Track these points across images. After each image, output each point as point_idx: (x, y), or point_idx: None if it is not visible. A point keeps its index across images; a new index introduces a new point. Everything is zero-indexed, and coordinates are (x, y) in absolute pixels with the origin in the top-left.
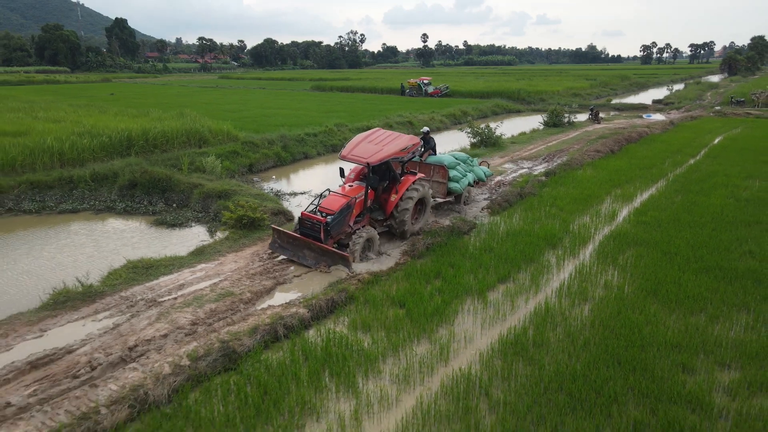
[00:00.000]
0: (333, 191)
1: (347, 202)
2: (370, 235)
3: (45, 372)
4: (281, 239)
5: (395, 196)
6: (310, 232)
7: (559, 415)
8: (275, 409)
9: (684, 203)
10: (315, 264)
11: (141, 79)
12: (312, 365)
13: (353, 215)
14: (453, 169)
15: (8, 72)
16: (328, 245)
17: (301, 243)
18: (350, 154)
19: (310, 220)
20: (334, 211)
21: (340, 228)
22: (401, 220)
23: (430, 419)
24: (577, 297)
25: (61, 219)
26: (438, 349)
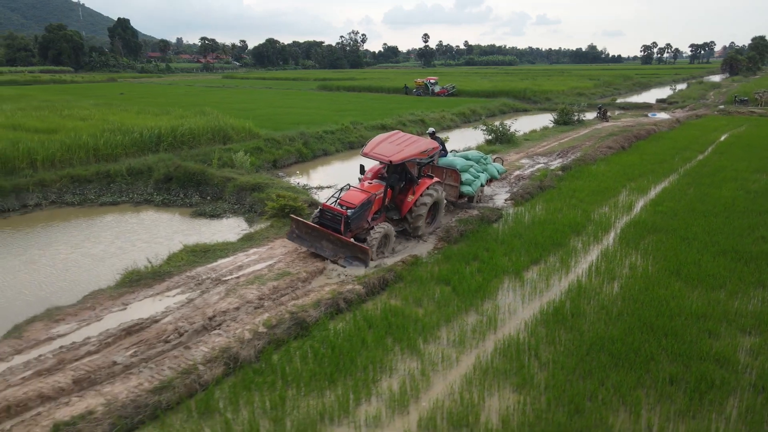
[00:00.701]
0: (353, 186)
1: (368, 198)
2: (387, 230)
3: (138, 338)
4: (299, 229)
5: (412, 197)
6: (330, 223)
7: (603, 370)
8: (352, 365)
9: (697, 195)
10: (332, 255)
11: (145, 78)
12: (376, 332)
13: (372, 211)
14: (465, 172)
15: (12, 72)
16: (347, 238)
17: (320, 234)
18: (372, 152)
19: (331, 211)
20: (355, 204)
21: (359, 222)
22: (416, 221)
23: (489, 375)
24: (605, 276)
25: (104, 210)
26: (486, 319)
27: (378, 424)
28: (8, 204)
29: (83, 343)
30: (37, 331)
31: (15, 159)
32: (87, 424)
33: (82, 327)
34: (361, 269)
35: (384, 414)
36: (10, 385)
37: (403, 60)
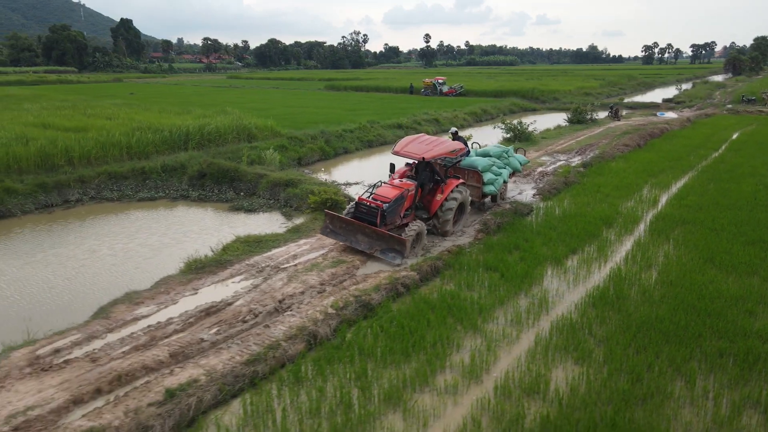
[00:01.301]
0: (385, 182)
1: (401, 193)
2: (421, 229)
3: (217, 318)
4: (333, 224)
5: (440, 196)
6: (365, 216)
7: (656, 345)
8: (422, 342)
9: (718, 190)
10: (368, 248)
11: (150, 78)
12: (438, 313)
13: (404, 207)
14: (487, 171)
15: (17, 72)
16: (384, 230)
17: (355, 228)
18: (403, 150)
19: (367, 205)
20: (390, 199)
21: (393, 217)
22: (445, 220)
23: (551, 349)
24: (642, 264)
25: (143, 205)
26: (537, 301)
27: (456, 392)
28: (51, 199)
29: (168, 323)
30: (122, 313)
31: (54, 156)
32: (196, 389)
33: (161, 309)
34: (397, 260)
35: (460, 383)
36: (113, 359)
37: (404, 60)
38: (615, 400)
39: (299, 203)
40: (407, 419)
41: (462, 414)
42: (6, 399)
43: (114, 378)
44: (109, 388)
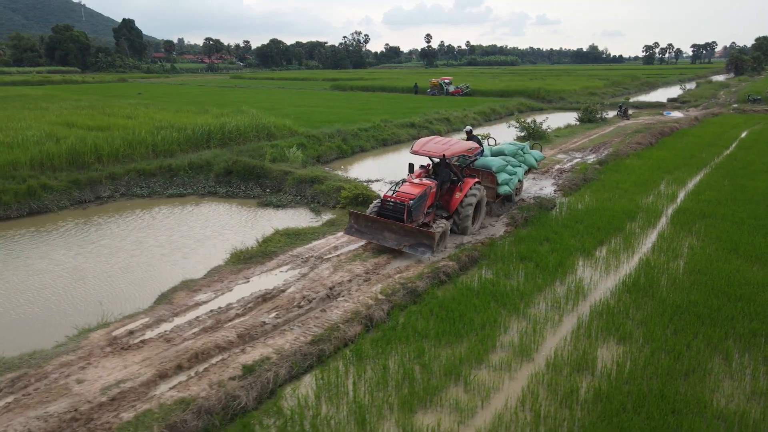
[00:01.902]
0: (407, 180)
1: (424, 190)
2: (446, 228)
3: (274, 303)
4: (358, 223)
5: (459, 194)
6: (391, 213)
7: (692, 327)
8: (471, 324)
9: (734, 186)
10: (396, 244)
11: (154, 78)
12: (482, 299)
13: (426, 205)
14: (501, 172)
15: (21, 72)
16: (411, 225)
17: (381, 225)
18: (422, 149)
19: (393, 201)
20: (414, 195)
21: (417, 213)
22: (465, 216)
23: (593, 331)
24: (669, 254)
25: (174, 201)
26: (574, 288)
27: (510, 368)
28: (84, 196)
29: (229, 308)
30: (182, 299)
31: (84, 154)
32: (271, 365)
33: (218, 296)
34: (427, 254)
35: (513, 360)
36: (185, 339)
37: (405, 60)
38: (660, 375)
39: (326, 199)
40: (469, 391)
41: (519, 387)
42: (96, 374)
43: (192, 356)
44: (188, 364)
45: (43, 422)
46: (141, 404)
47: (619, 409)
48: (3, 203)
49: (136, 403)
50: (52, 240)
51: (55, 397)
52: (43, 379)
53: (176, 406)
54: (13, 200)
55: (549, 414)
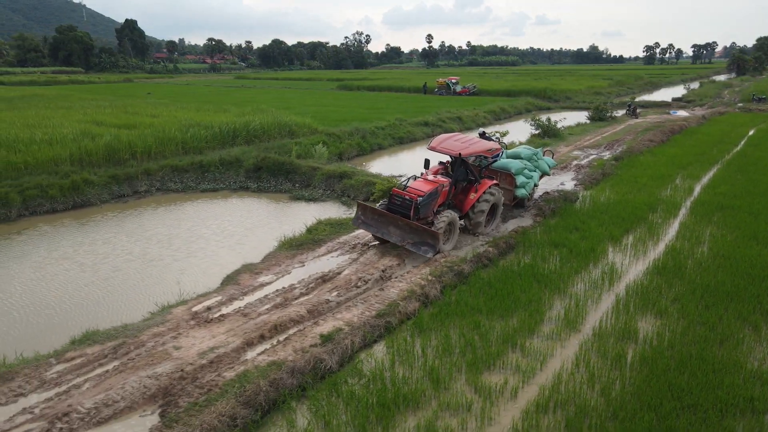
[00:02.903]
0: (419, 178)
1: (435, 188)
2: (452, 218)
3: (332, 284)
4: (365, 215)
5: (474, 195)
6: (398, 209)
7: (722, 303)
8: (518, 301)
9: (747, 180)
10: (400, 240)
11: (158, 79)
12: (524, 280)
13: (438, 203)
14: (520, 174)
15: (26, 72)
16: (417, 223)
17: (387, 219)
18: (440, 146)
19: (401, 197)
20: (424, 192)
21: (427, 211)
22: (477, 219)
23: (631, 307)
24: (693, 241)
25: (210, 195)
26: (608, 271)
27: (560, 338)
28: (123, 190)
29: (292, 288)
30: (247, 280)
31: (120, 151)
32: (346, 335)
33: (278, 278)
34: (430, 253)
35: (561, 331)
36: (260, 314)
37: (406, 60)
38: (697, 342)
39: (357, 193)
40: (526, 356)
41: (571, 353)
42: (189, 342)
43: (271, 327)
44: (269, 334)
45: (155, 380)
46: (238, 366)
47: (665, 370)
48: (50, 197)
49: (233, 365)
50: (109, 229)
51: (159, 361)
52: (141, 347)
53: (270, 368)
54: (59, 194)
55: (602, 374)
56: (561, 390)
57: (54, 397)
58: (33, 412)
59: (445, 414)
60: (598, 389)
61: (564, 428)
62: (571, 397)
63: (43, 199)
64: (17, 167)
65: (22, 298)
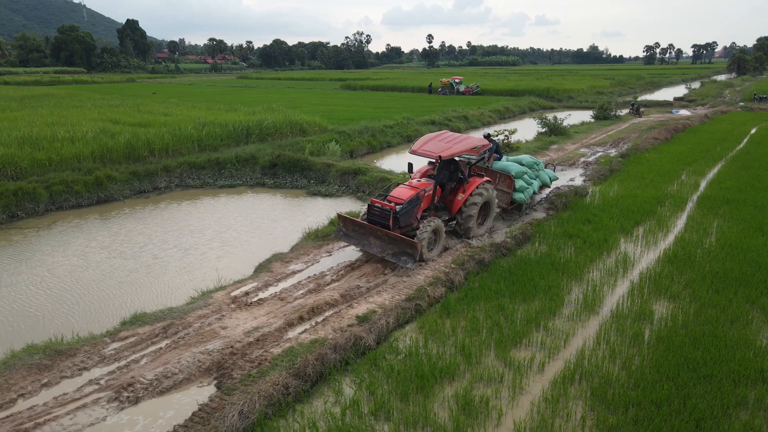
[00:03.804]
0: (402, 183)
1: (416, 194)
2: (437, 225)
3: (360, 272)
4: (346, 227)
5: (462, 196)
6: (377, 219)
7: (731, 288)
8: (538, 286)
9: (751, 176)
10: (380, 252)
11: (160, 79)
12: (543, 267)
13: (421, 208)
14: (520, 178)
15: (28, 72)
16: (396, 233)
17: (367, 230)
18: (421, 149)
19: (379, 206)
20: (403, 200)
21: (408, 218)
22: (467, 220)
23: (646, 291)
24: (701, 233)
25: (228, 191)
26: (622, 259)
27: (580, 319)
28: (143, 186)
29: (323, 275)
30: (279, 268)
31: (139, 148)
32: (380, 316)
33: (308, 266)
34: (410, 264)
35: (581, 313)
36: (296, 298)
37: (406, 60)
38: (710, 322)
39: (371, 189)
40: (550, 335)
41: (592, 332)
42: (233, 323)
43: (309, 309)
44: (308, 316)
45: (207, 356)
46: (283, 343)
47: (681, 346)
48: (75, 192)
49: (278, 342)
50: (140, 221)
51: (209, 339)
52: (189, 327)
53: (313, 345)
54: (83, 190)
55: (621, 350)
56: (584, 364)
57: (116, 370)
58: (99, 383)
59: (480, 384)
60: (619, 363)
61: (590, 396)
62: (595, 370)
63: (68, 194)
64: (42, 164)
65: (72, 283)
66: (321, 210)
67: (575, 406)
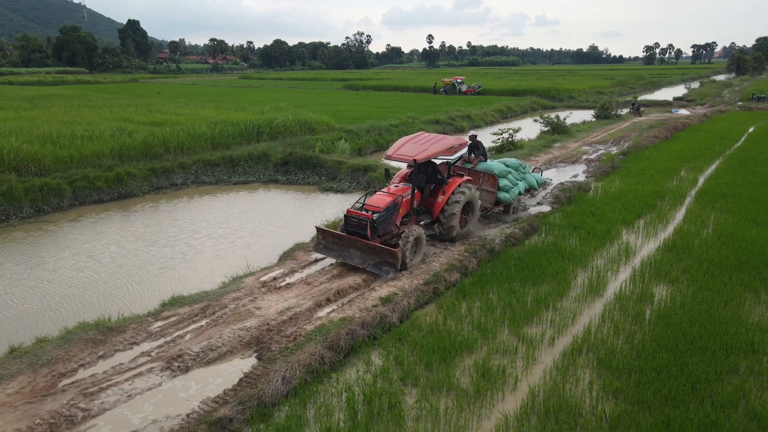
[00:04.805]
0: (379, 191)
1: (393, 200)
2: (418, 234)
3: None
4: (326, 240)
5: (442, 198)
6: (356, 229)
7: (726, 273)
8: (546, 272)
9: (747, 172)
10: (361, 263)
11: (163, 79)
12: (550, 255)
13: (400, 214)
14: (504, 178)
15: (30, 72)
16: (375, 242)
17: (347, 242)
18: (396, 154)
19: (356, 217)
20: (380, 208)
21: (387, 226)
22: (450, 221)
23: (647, 277)
24: (698, 224)
25: (243, 187)
26: (624, 248)
27: (586, 300)
28: (161, 182)
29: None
30: (302, 256)
31: (155, 146)
32: (401, 297)
33: None
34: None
35: (587, 295)
36: (321, 282)
37: (406, 60)
38: (706, 303)
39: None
40: (558, 314)
41: (597, 311)
42: (266, 304)
43: (335, 292)
44: (335, 298)
45: (246, 332)
46: (314, 321)
47: (679, 323)
48: (97, 188)
49: (309, 320)
50: (166, 214)
51: (245, 318)
52: (225, 308)
53: (342, 322)
54: (105, 185)
55: (624, 327)
56: (591, 339)
57: (164, 344)
58: (150, 355)
59: (496, 356)
60: (622, 338)
61: (596, 365)
62: (600, 343)
63: (90, 189)
64: (64, 161)
65: (114, 269)
66: (335, 204)
67: (583, 374)
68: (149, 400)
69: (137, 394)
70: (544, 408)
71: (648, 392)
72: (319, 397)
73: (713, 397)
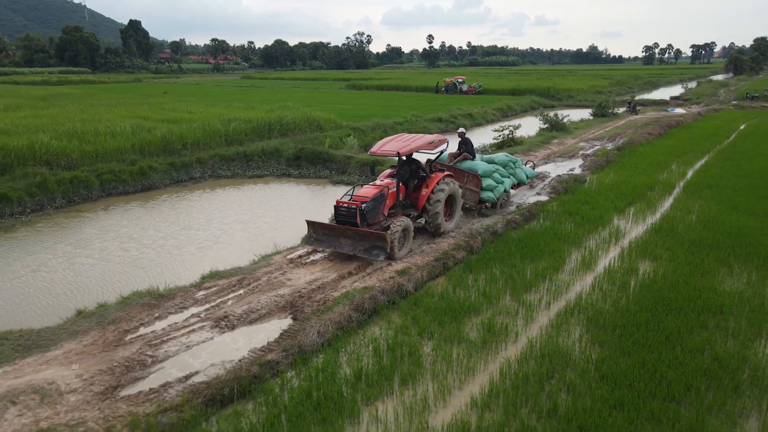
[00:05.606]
0: (365, 185)
1: (380, 191)
2: (406, 224)
3: None
4: (316, 232)
5: (426, 190)
6: (345, 219)
7: (704, 252)
8: (543, 251)
9: (734, 166)
10: (352, 250)
11: (165, 79)
12: (547, 237)
13: (387, 205)
14: (488, 177)
15: (34, 73)
16: (365, 229)
17: (337, 232)
18: (380, 150)
19: (345, 206)
20: (368, 198)
21: (375, 215)
22: (434, 213)
23: (633, 255)
24: (684, 211)
25: (258, 180)
26: (614, 231)
27: (579, 274)
28: (180, 176)
29: None
30: None
31: (173, 142)
32: (415, 270)
33: None
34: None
35: (580, 269)
36: (342, 260)
37: (407, 60)
38: (684, 275)
39: None
40: (554, 284)
41: (588, 282)
42: (296, 276)
43: (356, 267)
44: (356, 271)
45: (280, 298)
46: (339, 289)
47: (659, 290)
48: (122, 181)
49: (335, 289)
50: (192, 203)
51: (278, 287)
52: (258, 280)
53: (364, 290)
54: (129, 178)
55: (612, 294)
56: (582, 303)
57: (210, 308)
58: (200, 317)
59: (499, 316)
60: (609, 302)
61: (585, 323)
62: (590, 306)
63: (116, 182)
64: (90, 155)
65: (156, 249)
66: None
67: (574, 329)
68: (205, 350)
69: (194, 345)
70: (540, 354)
71: (628, 342)
72: (349, 347)
73: (683, 345)
